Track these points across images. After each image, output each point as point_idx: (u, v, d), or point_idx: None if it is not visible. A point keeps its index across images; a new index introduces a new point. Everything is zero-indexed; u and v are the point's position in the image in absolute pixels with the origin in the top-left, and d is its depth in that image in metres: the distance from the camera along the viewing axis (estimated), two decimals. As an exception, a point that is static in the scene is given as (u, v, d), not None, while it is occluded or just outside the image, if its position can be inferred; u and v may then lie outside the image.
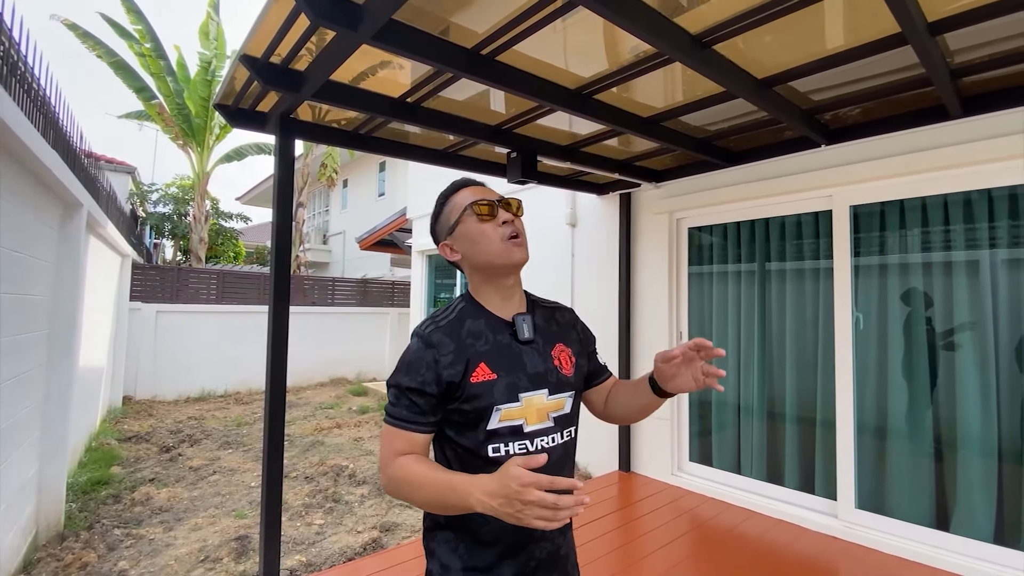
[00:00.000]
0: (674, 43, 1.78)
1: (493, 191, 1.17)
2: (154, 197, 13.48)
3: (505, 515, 0.83)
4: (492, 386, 1.03)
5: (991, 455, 2.55)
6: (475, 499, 0.86)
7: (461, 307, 1.12)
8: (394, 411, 1.04)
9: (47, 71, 3.23)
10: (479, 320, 1.09)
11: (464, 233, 1.11)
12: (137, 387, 7.84)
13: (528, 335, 1.10)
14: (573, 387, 1.15)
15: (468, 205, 1.10)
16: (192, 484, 4.37)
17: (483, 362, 1.03)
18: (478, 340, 1.06)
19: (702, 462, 3.75)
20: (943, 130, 2.61)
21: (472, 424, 1.03)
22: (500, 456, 1.02)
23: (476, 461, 1.03)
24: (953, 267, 2.72)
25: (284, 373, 2.40)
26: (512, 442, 1.04)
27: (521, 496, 0.79)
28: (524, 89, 2.14)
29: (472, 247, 1.10)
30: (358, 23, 1.59)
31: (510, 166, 2.99)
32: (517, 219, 1.12)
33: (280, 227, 2.42)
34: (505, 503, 0.82)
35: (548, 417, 1.08)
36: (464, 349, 1.04)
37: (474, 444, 1.03)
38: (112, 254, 6.38)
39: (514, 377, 1.05)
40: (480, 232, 1.09)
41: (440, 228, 1.17)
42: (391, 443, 1.03)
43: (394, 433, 1.03)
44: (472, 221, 1.09)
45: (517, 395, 1.05)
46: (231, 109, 2.48)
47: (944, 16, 1.77)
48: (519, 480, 0.80)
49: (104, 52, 9.32)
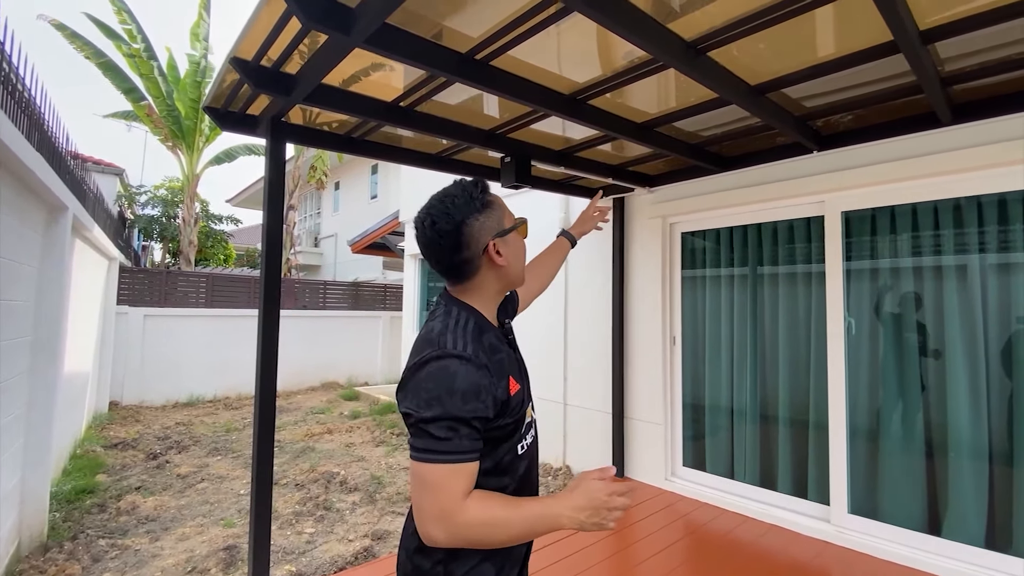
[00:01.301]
0: (668, 49, 1.77)
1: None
2: (143, 199, 13.32)
3: (591, 524, 0.94)
4: (522, 394, 1.07)
5: (982, 459, 2.56)
6: (566, 517, 0.94)
7: (473, 320, 1.04)
8: (451, 446, 0.90)
9: (32, 72, 3.17)
10: (490, 333, 1.07)
11: (515, 244, 1.11)
12: (124, 392, 7.71)
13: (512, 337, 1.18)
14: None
15: (522, 221, 1.12)
16: (180, 492, 4.29)
17: (511, 375, 1.04)
18: (498, 353, 1.04)
19: (695, 467, 3.74)
20: (934, 137, 2.64)
21: (511, 433, 1.04)
22: (526, 450, 1.09)
23: (506, 462, 1.04)
24: (944, 271, 2.74)
25: (274, 378, 2.36)
26: (527, 435, 1.10)
27: (608, 504, 0.94)
28: (518, 94, 2.13)
29: (514, 260, 1.10)
30: (351, 26, 1.57)
31: (504, 171, 2.97)
32: None
33: (271, 230, 2.38)
34: (593, 513, 0.94)
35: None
36: (496, 364, 1.00)
37: (508, 448, 1.05)
38: (99, 257, 6.28)
39: (525, 380, 1.12)
40: (523, 250, 1.14)
41: (487, 224, 1.05)
42: (454, 485, 0.90)
43: (455, 472, 0.90)
44: (520, 238, 1.13)
45: (530, 394, 1.13)
46: (221, 112, 2.44)
47: (935, 24, 1.79)
48: (605, 491, 0.94)
49: (92, 53, 9.20)
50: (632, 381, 4.06)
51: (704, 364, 3.77)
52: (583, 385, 4.54)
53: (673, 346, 3.90)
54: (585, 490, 0.95)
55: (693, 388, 3.84)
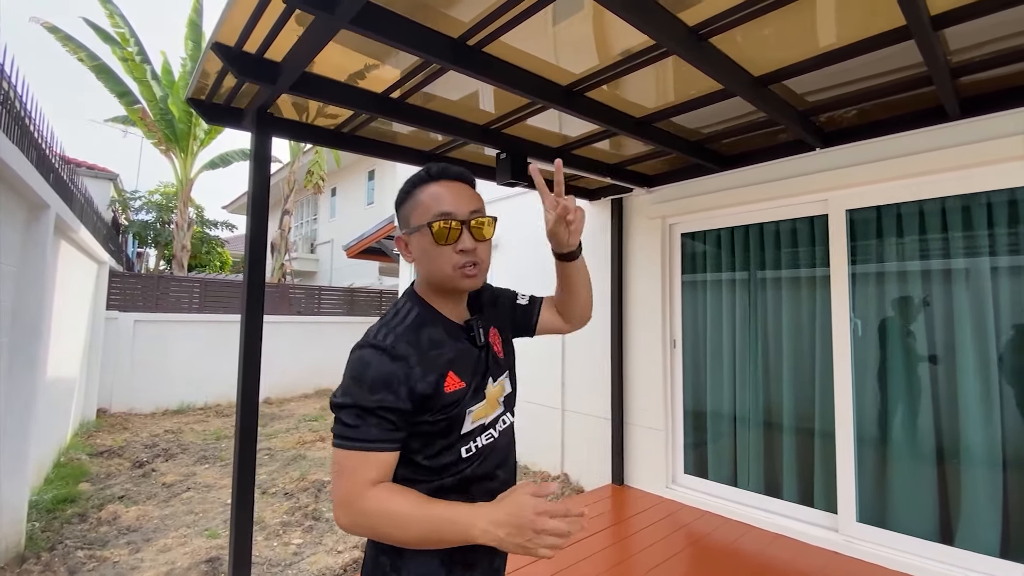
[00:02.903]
0: (670, 33, 1.70)
1: (470, 194, 1.03)
2: (137, 204, 13.20)
3: (512, 545, 0.81)
4: (464, 393, 0.99)
5: (995, 466, 2.47)
6: (479, 530, 0.83)
7: (416, 313, 1.02)
8: (359, 433, 0.90)
9: (14, 68, 3.08)
10: (437, 327, 1.02)
11: (418, 243, 1.01)
12: (113, 399, 7.55)
13: (483, 339, 1.07)
14: (508, 366, 1.16)
15: (427, 221, 0.98)
16: (164, 502, 4.15)
17: (452, 371, 0.98)
18: (443, 348, 0.99)
19: (697, 474, 3.63)
20: (940, 132, 2.57)
21: (447, 432, 0.98)
22: (472, 453, 1.00)
23: (446, 461, 0.98)
24: (953, 274, 2.66)
25: (257, 385, 2.25)
26: (479, 436, 1.02)
27: (535, 524, 0.80)
28: (512, 83, 2.05)
29: (423, 261, 1.02)
30: (335, 4, 1.49)
31: (499, 168, 2.89)
32: (481, 246, 1.01)
33: (255, 229, 2.28)
34: (515, 532, 0.81)
35: (498, 402, 1.09)
36: (430, 359, 0.96)
37: (447, 447, 0.98)
38: (87, 261, 6.16)
39: (479, 379, 1.04)
40: (434, 254, 0.99)
41: (401, 217, 1.07)
42: (359, 472, 0.89)
43: (361, 459, 0.89)
44: (428, 239, 0.98)
45: (483, 394, 1.04)
46: (205, 104, 2.35)
47: (947, 9, 1.72)
48: (535, 508, 0.80)
49: (86, 56, 9.13)
50: (632, 386, 3.96)
51: (705, 369, 3.67)
52: (582, 390, 4.43)
53: (673, 350, 3.81)
54: (510, 504, 0.83)
55: (694, 393, 3.74)
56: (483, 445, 1.02)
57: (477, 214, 1.01)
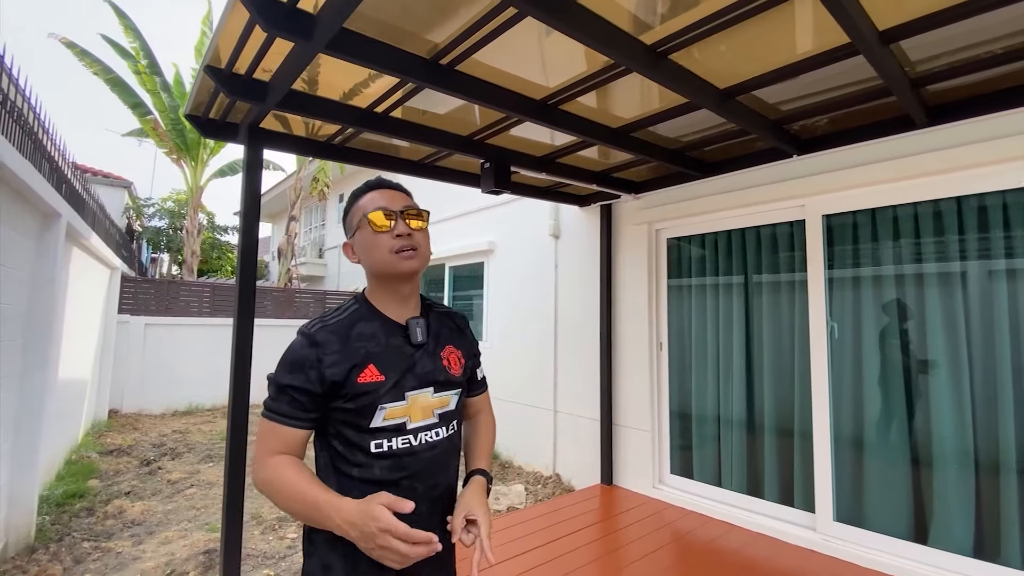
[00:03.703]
0: (629, 53, 1.80)
1: (402, 196, 1.18)
2: (150, 211, 13.56)
3: (363, 548, 0.90)
4: (379, 387, 1.05)
5: (968, 467, 2.51)
6: (335, 523, 0.91)
7: (354, 309, 1.14)
8: (274, 406, 1.03)
9: (27, 85, 3.27)
10: (373, 323, 1.12)
11: (360, 240, 1.14)
12: (124, 400, 7.78)
13: (420, 339, 1.14)
14: (459, 386, 1.21)
15: (365, 214, 1.12)
16: (168, 497, 4.31)
17: (372, 363, 1.06)
18: (369, 342, 1.08)
19: (683, 475, 3.70)
20: (913, 138, 2.63)
21: (356, 422, 1.05)
22: (383, 451, 1.06)
23: (359, 455, 1.05)
24: (925, 279, 2.71)
25: (247, 385, 2.39)
26: (395, 437, 1.07)
27: (376, 539, 0.86)
28: (487, 99, 2.16)
29: (366, 254, 1.14)
30: (311, 32, 1.61)
31: (483, 176, 3.00)
32: (416, 232, 1.13)
33: (247, 236, 2.42)
34: (361, 538, 0.89)
35: (433, 414, 1.13)
36: (352, 350, 1.06)
37: (358, 439, 1.05)
38: (100, 266, 6.39)
39: (402, 378, 1.09)
40: (374, 242, 1.11)
41: (346, 228, 1.20)
42: (267, 440, 1.03)
43: (271, 429, 1.03)
44: (368, 231, 1.12)
45: (403, 394, 1.09)
46: (202, 120, 2.49)
47: (896, 24, 1.79)
48: (378, 523, 0.86)
49: (100, 69, 9.44)
50: (620, 388, 4.04)
51: (691, 371, 3.74)
52: (573, 392, 4.52)
53: (660, 352, 3.88)
54: (363, 511, 0.88)
55: (680, 395, 3.81)
56: (398, 448, 1.06)
57: (409, 207, 1.15)
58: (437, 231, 6.52)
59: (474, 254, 5.97)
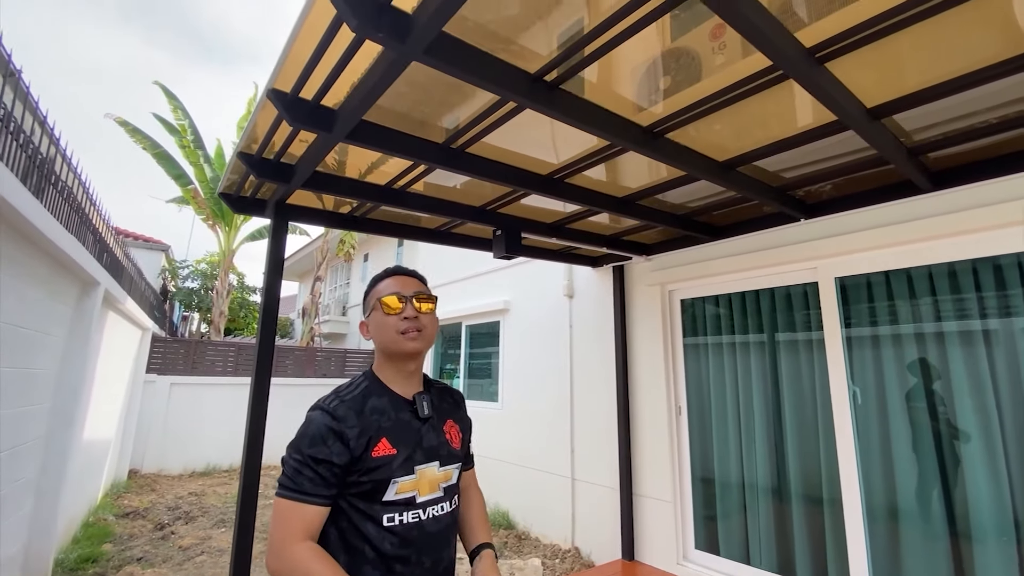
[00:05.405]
0: (624, 135, 1.91)
1: (415, 283, 1.30)
2: (184, 272, 14.20)
3: None
4: (392, 460, 1.10)
5: (1008, 540, 2.32)
6: None
7: (365, 385, 1.21)
8: (294, 484, 1.04)
9: (77, 163, 3.60)
10: (383, 398, 1.18)
11: (374, 319, 1.25)
12: (145, 460, 7.82)
13: (427, 412, 1.21)
14: (459, 459, 1.27)
15: (379, 298, 1.23)
16: (178, 564, 4.23)
17: (385, 437, 1.11)
18: (381, 416, 1.14)
19: (709, 550, 3.48)
20: (920, 203, 2.65)
21: (369, 495, 1.08)
22: (395, 525, 1.08)
23: (370, 529, 1.07)
24: (946, 337, 2.64)
25: (260, 446, 2.40)
26: (405, 512, 1.10)
27: None
28: (497, 177, 2.29)
29: (377, 333, 1.24)
30: (332, 125, 1.77)
31: (495, 243, 3.11)
32: (423, 315, 1.24)
33: (268, 300, 2.53)
34: None
35: (439, 487, 1.18)
36: (367, 424, 1.11)
37: (371, 512, 1.08)
38: (132, 327, 6.65)
39: (411, 451, 1.14)
40: (384, 322, 1.22)
41: (364, 307, 1.34)
42: (287, 522, 1.02)
43: (291, 509, 1.03)
44: (380, 313, 1.23)
45: (413, 468, 1.13)
46: (233, 197, 2.69)
47: (884, 101, 1.87)
48: None
49: (149, 145, 10.28)
50: (639, 455, 3.91)
51: (711, 436, 3.62)
52: (592, 459, 4.38)
53: (679, 416, 3.78)
54: None
55: (702, 462, 3.66)
56: (407, 523, 1.10)
57: (420, 293, 1.26)
58: (454, 290, 6.64)
59: (490, 313, 6.04)
